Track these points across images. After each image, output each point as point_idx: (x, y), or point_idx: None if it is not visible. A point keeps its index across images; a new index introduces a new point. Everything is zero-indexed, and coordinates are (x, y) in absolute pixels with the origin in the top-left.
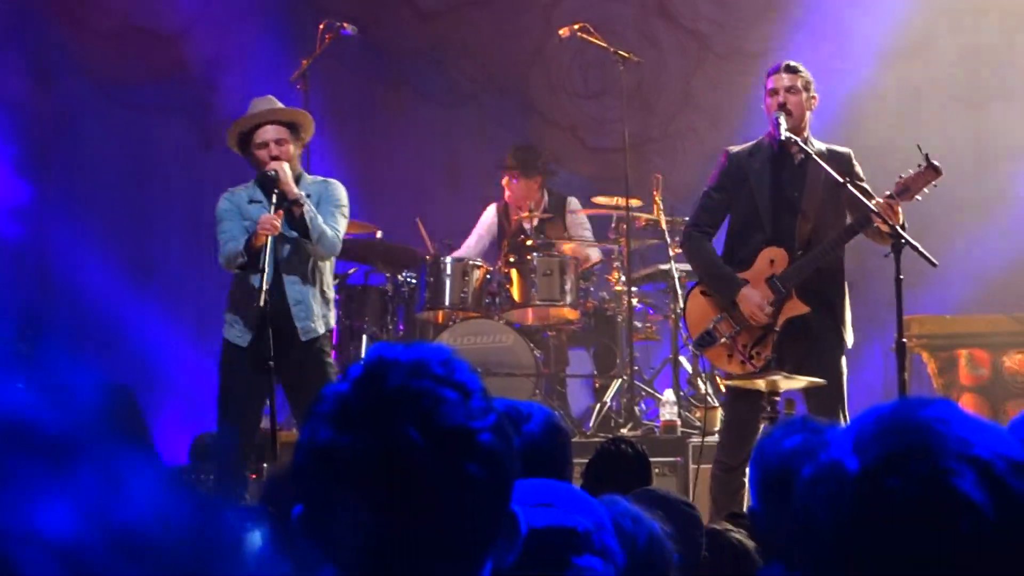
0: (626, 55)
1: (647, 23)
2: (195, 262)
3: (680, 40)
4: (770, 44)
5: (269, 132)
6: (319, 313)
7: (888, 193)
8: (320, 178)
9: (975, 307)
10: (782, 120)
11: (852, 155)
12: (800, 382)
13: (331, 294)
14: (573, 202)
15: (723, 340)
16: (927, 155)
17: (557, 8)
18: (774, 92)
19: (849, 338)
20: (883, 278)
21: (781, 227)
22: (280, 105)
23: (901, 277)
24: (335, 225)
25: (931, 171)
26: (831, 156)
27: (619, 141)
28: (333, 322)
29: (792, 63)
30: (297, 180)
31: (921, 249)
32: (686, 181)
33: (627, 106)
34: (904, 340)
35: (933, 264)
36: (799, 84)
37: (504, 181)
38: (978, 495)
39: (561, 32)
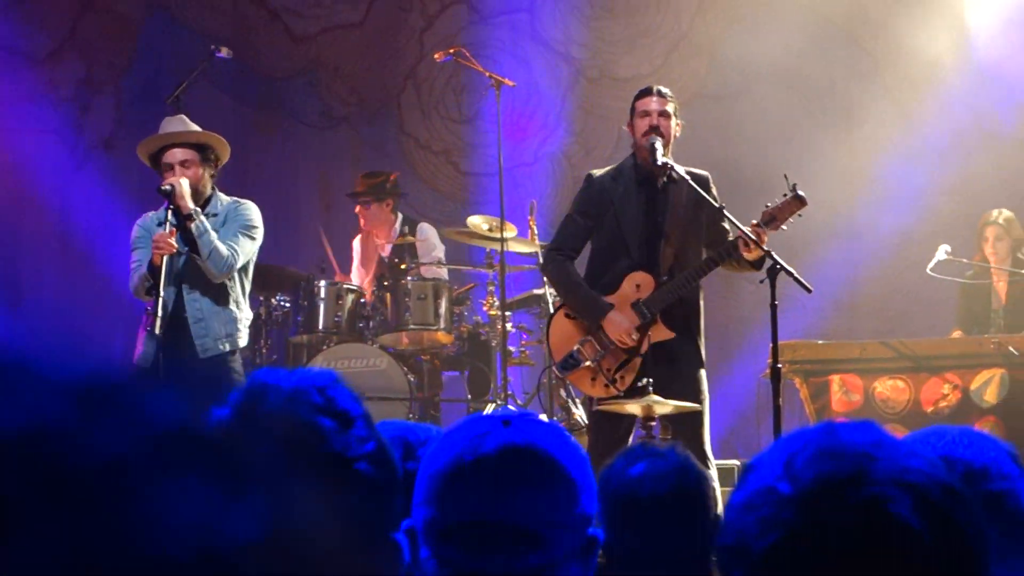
0: (499, 79)
1: (520, 47)
2: (67, 285)
3: (553, 64)
4: (642, 69)
5: (176, 154)
6: (222, 332)
7: (755, 222)
8: (235, 199)
9: (848, 333)
10: (658, 145)
11: (710, 178)
12: (670, 406)
13: (241, 313)
14: (423, 230)
15: (587, 363)
16: (794, 185)
17: (430, 32)
18: (645, 114)
19: (703, 355)
20: (755, 304)
21: (647, 252)
22: (193, 127)
23: (776, 303)
24: (234, 244)
25: (797, 201)
26: (693, 179)
27: (492, 165)
28: (243, 340)
29: (662, 88)
30: (208, 200)
31: (796, 275)
32: (559, 206)
33: (500, 130)
34: (779, 366)
35: (808, 290)
36: (669, 109)
37: (357, 209)
38: (915, 520)
39: (435, 56)
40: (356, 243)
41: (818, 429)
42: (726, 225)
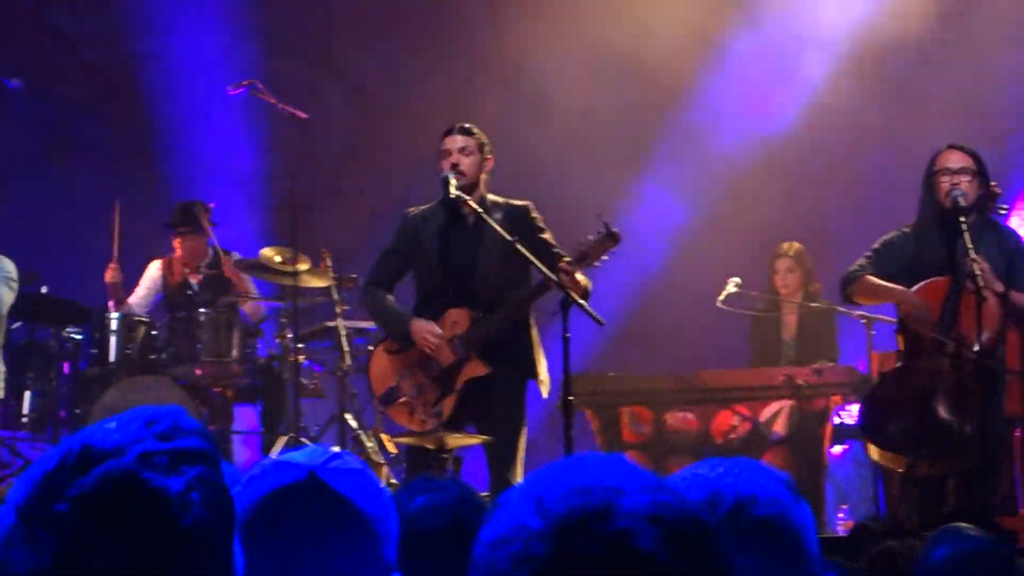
0: (293, 111)
1: (315, 80)
2: None
3: (347, 97)
4: (438, 102)
5: None
6: None
7: (567, 260)
8: None
9: (638, 366)
10: (451, 179)
11: (530, 207)
12: (472, 439)
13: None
14: (235, 258)
15: (405, 398)
16: (606, 223)
17: (227, 63)
18: (447, 153)
19: (544, 387)
20: (548, 336)
21: (460, 289)
22: None
23: (568, 335)
24: None
25: (610, 239)
26: (508, 212)
27: (287, 196)
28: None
29: (467, 125)
30: None
31: (588, 308)
32: (352, 238)
33: (294, 163)
34: (570, 398)
35: (600, 323)
36: (472, 145)
37: (175, 241)
38: (663, 553)
39: (230, 88)
40: (153, 268)
41: (568, 464)
42: (557, 249)
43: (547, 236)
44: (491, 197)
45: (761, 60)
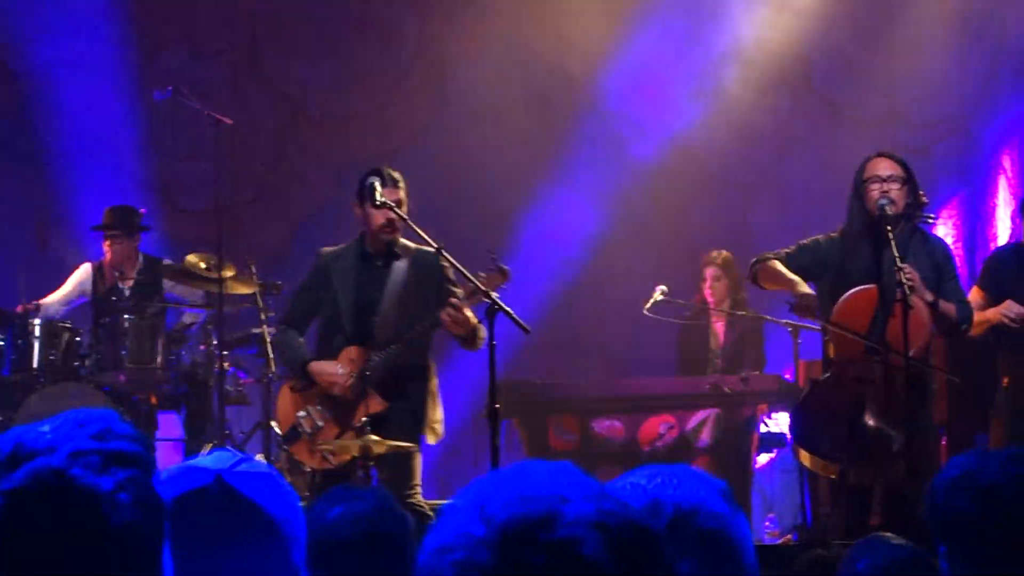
0: (217, 117)
1: (240, 85)
2: None
3: (273, 103)
4: (363, 108)
5: None
6: None
7: (458, 297)
8: None
9: (566, 373)
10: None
11: (439, 252)
12: (394, 445)
13: None
14: (168, 266)
15: (305, 435)
16: (494, 259)
17: (150, 68)
18: (384, 205)
19: (431, 436)
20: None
21: (360, 328)
22: None
23: (494, 343)
24: None
25: (500, 275)
26: (418, 255)
27: (212, 203)
28: None
29: (395, 175)
30: None
31: (515, 316)
32: (277, 245)
33: (219, 168)
34: (497, 405)
35: (526, 331)
36: (402, 195)
37: (106, 244)
38: (605, 559)
39: (154, 92)
40: (82, 272)
41: (512, 471)
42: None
43: (451, 283)
44: (403, 242)
45: (684, 71)
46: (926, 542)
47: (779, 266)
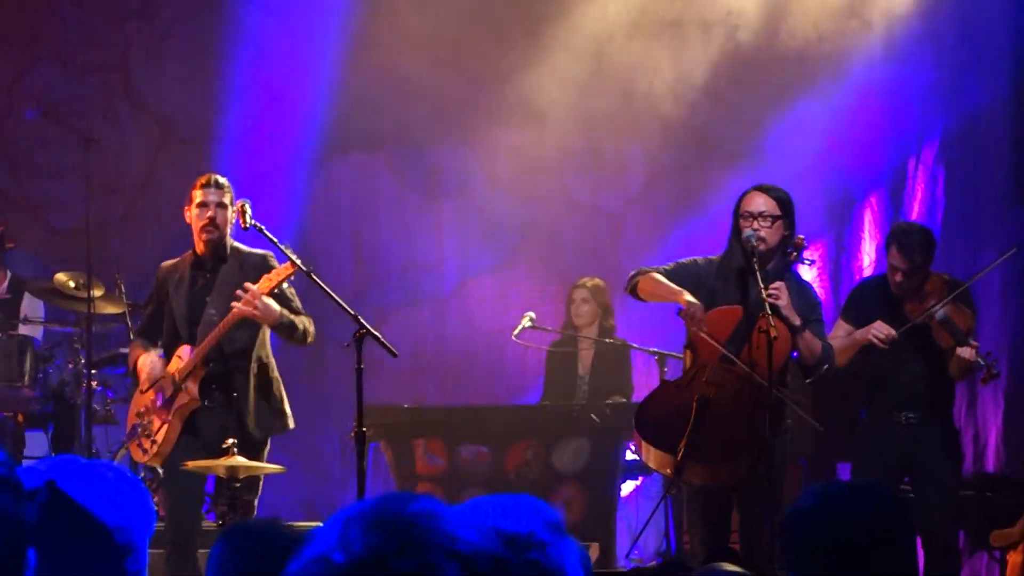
0: (88, 136)
1: (111, 106)
2: None
3: (144, 124)
4: (225, 131)
5: None
6: None
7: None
8: None
9: (434, 398)
10: (247, 207)
11: (269, 256)
12: (268, 469)
13: None
14: (33, 284)
15: (135, 434)
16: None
17: (19, 85)
18: (205, 207)
19: (258, 432)
20: (341, 367)
21: (190, 330)
22: None
23: (361, 366)
24: None
25: (292, 266)
26: (248, 258)
27: (81, 222)
28: None
29: (219, 179)
30: None
31: (383, 339)
32: (146, 264)
33: (89, 187)
34: (364, 429)
35: (393, 354)
36: (226, 200)
37: None
38: None
39: (26, 112)
40: None
41: (376, 500)
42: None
43: (285, 288)
44: (234, 245)
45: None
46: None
47: (661, 277)
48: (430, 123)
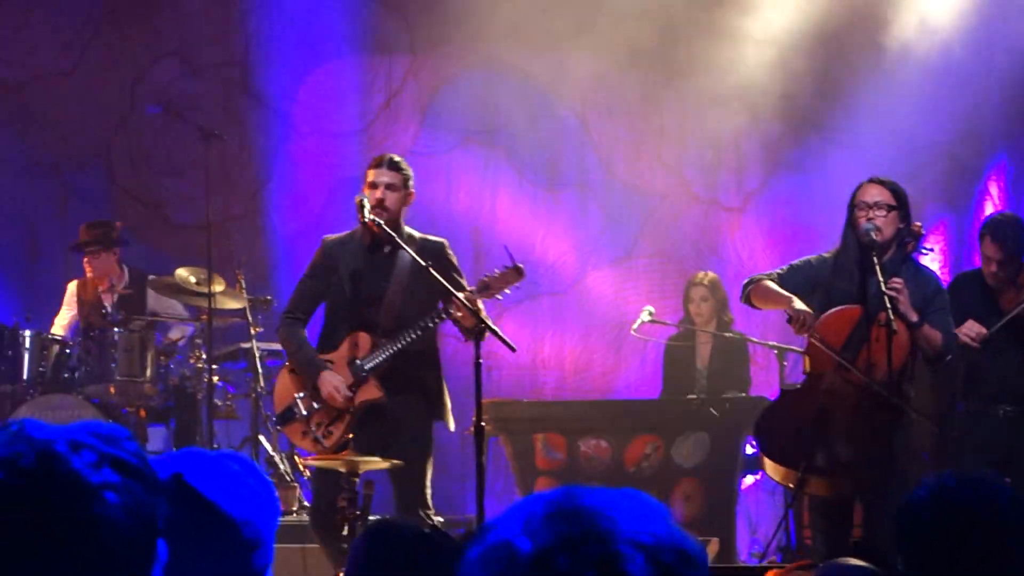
0: (209, 131)
1: (231, 101)
2: None
3: (264, 118)
4: (353, 125)
5: None
6: None
7: (470, 289)
8: None
9: (553, 392)
10: (365, 203)
11: (446, 245)
12: (380, 464)
13: None
14: (154, 280)
15: (299, 418)
16: (511, 257)
17: (141, 83)
18: (374, 186)
19: (451, 422)
20: (462, 362)
21: (364, 314)
22: None
23: (480, 361)
24: None
25: (515, 273)
26: (424, 245)
27: (202, 218)
28: None
29: (396, 159)
30: None
31: (501, 334)
32: (268, 259)
33: (210, 183)
34: (482, 423)
35: (512, 349)
36: (399, 181)
37: (85, 260)
38: None
39: (146, 107)
40: (71, 289)
41: (557, 492)
42: (468, 289)
43: (458, 275)
44: (408, 231)
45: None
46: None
47: (772, 285)
48: (549, 117)
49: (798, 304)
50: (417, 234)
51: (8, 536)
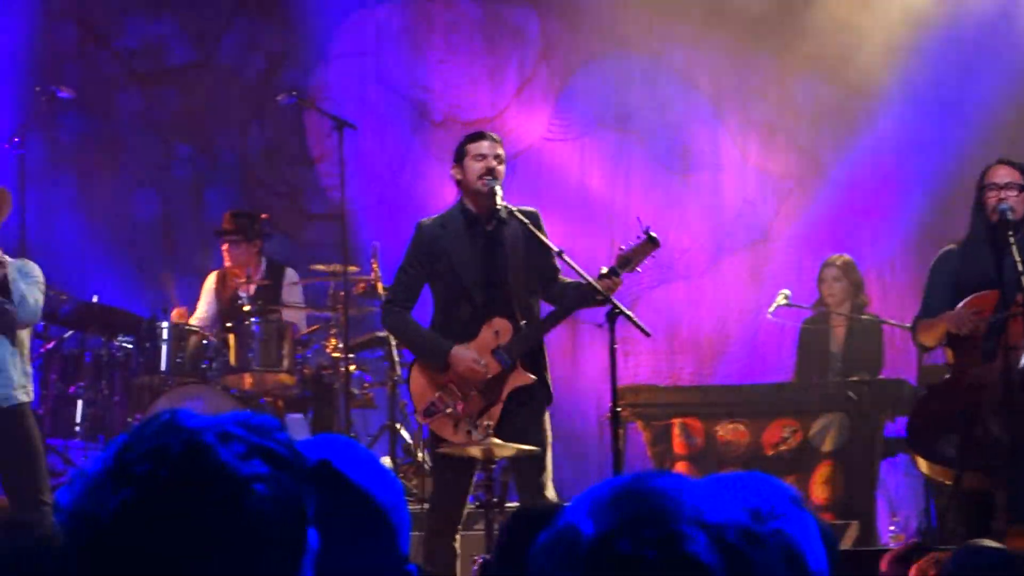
0: (342, 121)
1: (365, 90)
2: None
3: (397, 107)
4: (487, 112)
5: None
6: (19, 383)
7: (610, 267)
8: (18, 259)
9: (689, 377)
10: (498, 188)
11: (538, 214)
12: (510, 449)
13: (29, 367)
14: (291, 274)
15: (448, 411)
16: (647, 228)
17: (275, 74)
18: (481, 156)
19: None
20: (597, 347)
21: (492, 297)
22: None
23: (615, 346)
24: (35, 295)
25: (650, 243)
26: (523, 214)
27: (337, 207)
28: (32, 393)
29: (493, 134)
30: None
31: (635, 319)
32: (402, 248)
33: (344, 172)
34: (619, 409)
35: (647, 334)
36: (502, 154)
37: (224, 248)
38: (710, 557)
39: (279, 98)
40: (210, 280)
41: (625, 477)
42: (557, 262)
43: (549, 243)
44: (499, 201)
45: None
46: None
47: (927, 320)
48: (682, 100)
49: (951, 322)
50: (510, 206)
51: (157, 527)
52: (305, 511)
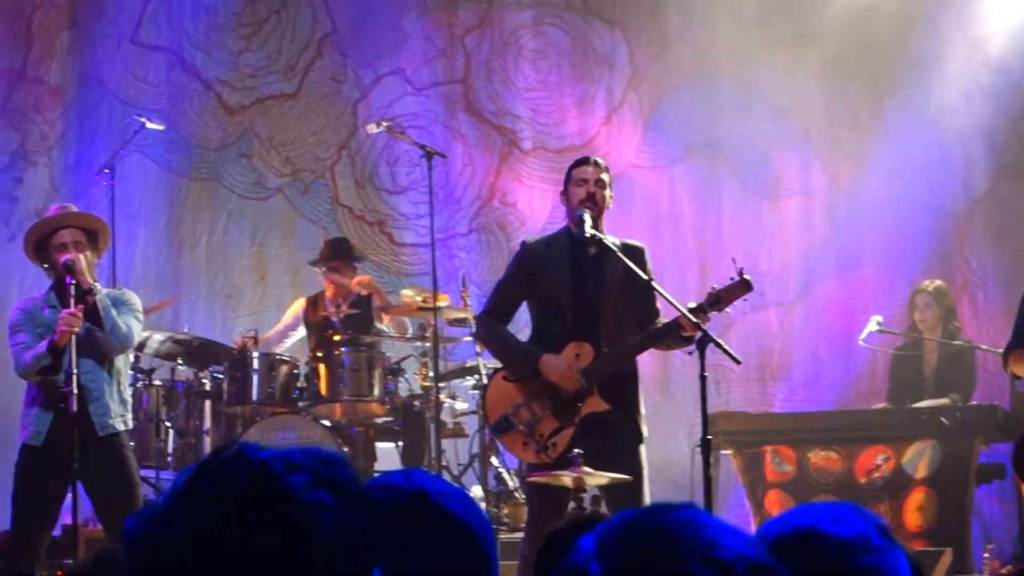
0: (431, 150)
1: (454, 118)
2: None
3: (486, 135)
4: (575, 140)
5: (66, 235)
6: (117, 411)
7: (699, 304)
8: (115, 289)
9: (781, 404)
10: (587, 217)
11: (645, 250)
12: (603, 478)
13: (128, 395)
14: (381, 299)
15: (520, 427)
16: (741, 270)
17: (364, 103)
18: (583, 182)
19: (644, 430)
20: (690, 375)
21: (582, 321)
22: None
23: (705, 374)
24: (128, 323)
25: (743, 286)
26: (627, 251)
27: (426, 236)
28: (131, 422)
29: (598, 159)
30: (90, 291)
31: (725, 346)
32: (493, 277)
33: (434, 201)
34: (709, 437)
35: (737, 361)
36: (605, 179)
37: (323, 275)
38: None
39: (368, 128)
40: (297, 306)
41: (638, 511)
42: (658, 304)
43: (654, 282)
44: (609, 236)
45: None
46: None
47: (1018, 351)
48: (772, 126)
49: None
50: (617, 240)
51: (224, 552)
52: (369, 544)
